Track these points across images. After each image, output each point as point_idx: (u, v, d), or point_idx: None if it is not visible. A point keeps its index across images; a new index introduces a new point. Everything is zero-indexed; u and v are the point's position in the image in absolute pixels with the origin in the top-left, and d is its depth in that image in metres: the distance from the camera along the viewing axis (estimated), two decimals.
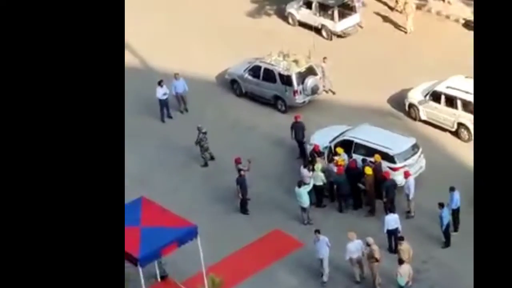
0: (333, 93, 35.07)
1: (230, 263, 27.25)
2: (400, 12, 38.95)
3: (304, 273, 26.81)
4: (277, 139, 32.75)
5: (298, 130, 31.52)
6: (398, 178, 28.48)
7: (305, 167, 29.73)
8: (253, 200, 29.76)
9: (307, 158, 30.57)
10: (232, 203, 29.99)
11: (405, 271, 24.67)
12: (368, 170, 28.47)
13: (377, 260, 25.59)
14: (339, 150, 29.59)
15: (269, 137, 33.04)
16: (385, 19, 39.18)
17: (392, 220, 26.92)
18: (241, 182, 29.31)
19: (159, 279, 26.86)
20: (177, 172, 31.84)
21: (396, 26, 38.74)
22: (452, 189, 27.34)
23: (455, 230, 27.55)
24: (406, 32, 38.61)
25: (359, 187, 28.83)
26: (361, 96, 34.26)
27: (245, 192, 29.49)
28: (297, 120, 31.68)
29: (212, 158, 32.04)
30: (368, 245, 25.74)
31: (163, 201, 26.55)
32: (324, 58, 35.12)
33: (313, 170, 29.26)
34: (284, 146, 32.33)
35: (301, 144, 31.55)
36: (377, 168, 28.64)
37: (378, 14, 39.75)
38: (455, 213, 27.45)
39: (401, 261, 24.96)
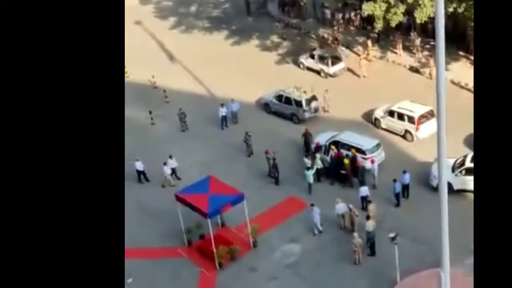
0: (328, 111, 34.87)
1: (263, 217, 27.22)
2: (369, 61, 38.57)
3: (308, 224, 26.70)
4: (292, 140, 32.55)
5: (306, 135, 31.49)
6: (367, 164, 28.44)
7: (306, 157, 29.73)
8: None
9: (311, 151, 30.49)
10: (264, 180, 29.92)
11: (370, 224, 24.80)
12: (346, 161, 28.57)
13: (356, 216, 25.74)
14: (332, 146, 29.71)
15: (287, 139, 32.80)
16: (360, 65, 38.79)
17: (364, 190, 27.04)
18: (275, 166, 29.44)
19: (220, 226, 27.05)
20: (231, 160, 31.69)
21: (367, 69, 38.15)
22: (404, 172, 27.31)
23: (406, 197, 27.45)
24: (364, 76, 37.57)
25: (342, 172, 28.86)
26: (344, 113, 34.07)
27: (277, 172, 29.48)
28: (306, 130, 31.67)
29: (252, 152, 31.91)
30: (350, 209, 25.90)
31: (222, 178, 26.59)
32: (326, 90, 34.91)
33: (314, 158, 29.33)
34: (296, 145, 32.13)
35: (307, 144, 31.38)
36: (354, 158, 28.66)
37: (355, 62, 39.29)
38: (405, 187, 27.39)
39: (368, 217, 25.05)
